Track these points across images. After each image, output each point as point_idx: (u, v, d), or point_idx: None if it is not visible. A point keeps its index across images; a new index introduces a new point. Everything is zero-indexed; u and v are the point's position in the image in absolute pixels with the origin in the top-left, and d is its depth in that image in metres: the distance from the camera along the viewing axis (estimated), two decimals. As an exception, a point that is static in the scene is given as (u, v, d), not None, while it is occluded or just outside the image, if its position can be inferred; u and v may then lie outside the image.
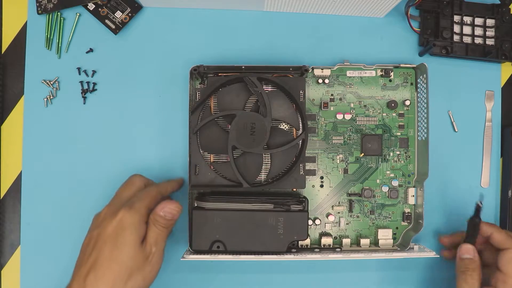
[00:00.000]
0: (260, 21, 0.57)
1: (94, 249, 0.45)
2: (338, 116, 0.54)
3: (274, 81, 0.51)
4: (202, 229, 0.50)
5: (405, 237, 0.54)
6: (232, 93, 0.52)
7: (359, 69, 0.55)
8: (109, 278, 0.43)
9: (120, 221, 0.45)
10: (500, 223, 0.56)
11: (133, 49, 0.57)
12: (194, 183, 0.51)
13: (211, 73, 0.52)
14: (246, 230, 0.50)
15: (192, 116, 0.51)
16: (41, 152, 0.56)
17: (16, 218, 0.56)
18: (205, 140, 0.51)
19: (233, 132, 0.50)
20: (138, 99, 0.56)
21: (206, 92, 0.51)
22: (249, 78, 0.50)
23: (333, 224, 0.54)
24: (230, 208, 0.50)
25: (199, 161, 0.51)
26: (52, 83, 0.56)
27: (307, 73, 0.52)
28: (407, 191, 0.54)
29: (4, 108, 0.56)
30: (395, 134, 0.55)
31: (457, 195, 0.56)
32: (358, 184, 0.55)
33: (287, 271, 0.56)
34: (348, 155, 0.55)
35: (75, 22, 0.56)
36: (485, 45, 0.56)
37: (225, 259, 0.50)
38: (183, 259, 0.49)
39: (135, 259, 0.44)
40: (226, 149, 0.50)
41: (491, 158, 0.57)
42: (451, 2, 0.57)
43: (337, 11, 0.57)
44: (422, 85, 0.53)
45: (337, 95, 0.55)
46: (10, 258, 0.55)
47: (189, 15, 0.57)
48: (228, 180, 0.51)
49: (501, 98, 0.58)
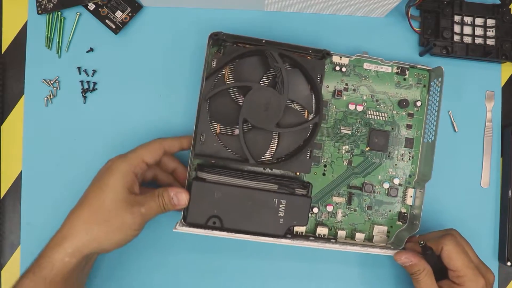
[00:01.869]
0: (260, 21, 0.57)
1: (85, 190, 0.47)
2: (350, 107, 0.53)
3: (295, 60, 0.49)
4: (200, 202, 0.48)
5: (399, 237, 0.54)
6: (249, 65, 0.50)
7: (376, 63, 0.54)
8: (86, 215, 0.44)
9: (110, 166, 0.46)
10: (500, 223, 0.57)
11: (134, 48, 0.56)
12: (198, 152, 0.48)
13: (229, 41, 0.50)
14: (246, 209, 0.48)
15: (206, 82, 0.48)
16: (41, 152, 0.55)
17: (16, 218, 0.55)
18: (215, 109, 0.49)
19: (246, 105, 0.48)
20: (139, 99, 0.56)
21: (224, 60, 0.49)
22: (270, 52, 0.48)
23: (330, 214, 0.53)
24: (233, 183, 0.48)
25: (206, 130, 0.48)
26: (52, 83, 0.55)
27: (328, 57, 0.51)
28: (406, 191, 0.54)
29: (4, 107, 0.56)
30: (402, 133, 0.55)
31: (456, 196, 0.57)
32: (360, 178, 0.54)
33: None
34: (354, 147, 0.54)
35: (76, 21, 0.56)
36: (486, 45, 0.57)
37: (219, 235, 0.48)
38: (175, 229, 0.47)
39: (117, 204, 0.44)
40: (236, 121, 0.48)
41: (491, 158, 0.57)
42: (452, 2, 0.57)
43: (338, 11, 0.57)
44: (435, 88, 0.54)
45: (352, 85, 0.54)
46: (10, 258, 0.55)
47: (189, 15, 0.56)
48: (233, 154, 0.49)
49: (502, 98, 0.58)
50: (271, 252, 0.55)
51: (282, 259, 0.55)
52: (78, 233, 0.44)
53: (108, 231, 0.44)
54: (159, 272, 0.54)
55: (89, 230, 0.44)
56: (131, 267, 0.54)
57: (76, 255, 0.44)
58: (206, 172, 0.48)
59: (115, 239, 0.45)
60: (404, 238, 0.52)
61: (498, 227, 0.57)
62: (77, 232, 0.44)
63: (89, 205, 0.45)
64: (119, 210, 0.44)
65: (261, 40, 0.50)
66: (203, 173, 0.48)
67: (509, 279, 0.57)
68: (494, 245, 0.57)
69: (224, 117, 0.49)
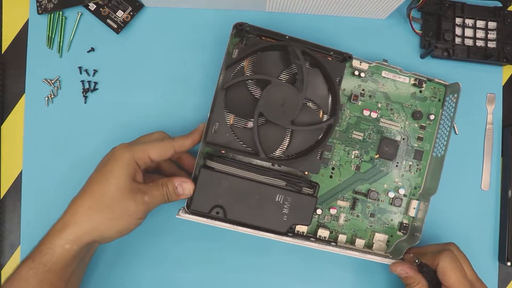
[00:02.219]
0: (262, 21, 0.55)
1: (88, 177, 0.46)
2: (365, 112, 0.53)
3: (317, 59, 0.49)
4: (206, 190, 0.47)
5: (398, 247, 0.54)
6: (270, 59, 0.49)
7: (395, 72, 0.54)
8: (88, 202, 0.44)
9: (113, 153, 0.46)
10: (500, 223, 0.57)
11: (134, 48, 0.56)
12: (210, 140, 0.48)
13: (253, 33, 0.50)
14: (251, 202, 0.48)
15: (226, 71, 0.48)
16: (41, 152, 0.55)
17: (16, 218, 0.55)
18: (231, 100, 0.48)
19: (263, 99, 0.48)
20: (139, 99, 0.56)
21: (246, 52, 0.48)
22: (293, 49, 0.48)
23: (333, 217, 0.53)
24: (241, 175, 0.48)
25: (220, 119, 0.48)
26: (53, 82, 0.55)
27: (349, 60, 0.51)
28: (410, 202, 0.54)
29: (4, 107, 0.55)
30: (413, 144, 0.55)
31: (457, 197, 0.57)
32: (366, 184, 0.54)
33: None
34: (364, 153, 0.54)
35: (77, 21, 0.56)
36: (487, 47, 0.57)
37: (222, 226, 0.47)
38: (178, 216, 0.46)
39: (120, 192, 0.44)
40: (251, 114, 0.48)
41: (491, 161, 0.57)
42: (453, 5, 0.57)
43: (339, 12, 0.56)
44: (450, 104, 0.54)
45: (368, 91, 0.54)
46: (10, 258, 0.54)
47: (190, 15, 0.56)
48: (244, 146, 0.48)
49: (502, 98, 0.58)
50: (269, 247, 0.55)
51: (278, 254, 0.55)
52: (81, 220, 0.43)
53: (110, 218, 0.43)
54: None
55: (92, 217, 0.43)
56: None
57: (77, 243, 0.43)
58: (215, 161, 0.48)
59: (117, 227, 0.44)
60: (403, 249, 0.52)
61: (498, 228, 0.57)
62: (79, 219, 0.43)
63: (92, 192, 0.44)
64: (122, 198, 0.44)
65: (284, 35, 0.49)
66: (212, 162, 0.48)
67: (509, 279, 0.57)
68: (494, 245, 0.57)
69: (240, 109, 0.49)
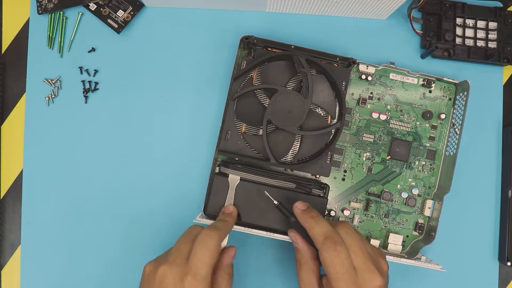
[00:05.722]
0: (262, 21, 0.57)
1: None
2: (374, 115, 0.54)
3: (321, 66, 0.51)
4: (220, 195, 0.50)
5: (414, 247, 0.54)
6: (277, 69, 0.52)
7: (402, 73, 0.55)
8: None
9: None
10: (500, 223, 0.56)
11: (135, 48, 0.56)
12: (222, 148, 0.51)
13: (259, 45, 0.53)
14: (262, 205, 0.50)
15: (235, 82, 0.51)
16: (42, 152, 0.55)
17: (16, 218, 0.55)
18: (241, 109, 0.51)
19: (271, 107, 0.50)
20: (140, 99, 0.56)
21: (253, 63, 0.51)
22: (298, 58, 0.50)
23: (347, 219, 0.55)
24: (252, 179, 0.50)
25: (231, 128, 0.51)
26: (53, 82, 0.56)
27: (354, 65, 0.53)
28: (425, 202, 0.54)
29: (5, 107, 0.56)
30: (424, 144, 0.55)
31: (457, 196, 0.56)
32: (379, 185, 0.55)
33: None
34: (375, 155, 0.55)
35: (78, 21, 0.56)
36: (487, 48, 0.57)
37: (236, 229, 0.50)
38: (195, 221, 0.49)
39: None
40: (260, 121, 0.50)
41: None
42: (454, 5, 0.57)
43: (339, 13, 0.57)
44: (460, 102, 0.54)
45: (377, 94, 0.55)
46: (10, 258, 0.55)
47: (191, 15, 0.57)
48: (255, 152, 0.51)
49: (503, 97, 0.58)
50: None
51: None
52: None
53: None
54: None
55: None
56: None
57: None
58: (229, 168, 0.51)
59: None
60: (419, 249, 0.53)
61: (498, 228, 0.56)
62: None
63: None
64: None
65: (290, 45, 0.52)
66: (226, 168, 0.51)
67: (509, 279, 0.56)
68: (494, 245, 0.56)
69: (250, 117, 0.51)
